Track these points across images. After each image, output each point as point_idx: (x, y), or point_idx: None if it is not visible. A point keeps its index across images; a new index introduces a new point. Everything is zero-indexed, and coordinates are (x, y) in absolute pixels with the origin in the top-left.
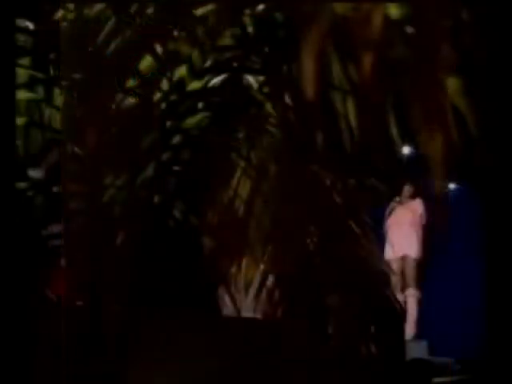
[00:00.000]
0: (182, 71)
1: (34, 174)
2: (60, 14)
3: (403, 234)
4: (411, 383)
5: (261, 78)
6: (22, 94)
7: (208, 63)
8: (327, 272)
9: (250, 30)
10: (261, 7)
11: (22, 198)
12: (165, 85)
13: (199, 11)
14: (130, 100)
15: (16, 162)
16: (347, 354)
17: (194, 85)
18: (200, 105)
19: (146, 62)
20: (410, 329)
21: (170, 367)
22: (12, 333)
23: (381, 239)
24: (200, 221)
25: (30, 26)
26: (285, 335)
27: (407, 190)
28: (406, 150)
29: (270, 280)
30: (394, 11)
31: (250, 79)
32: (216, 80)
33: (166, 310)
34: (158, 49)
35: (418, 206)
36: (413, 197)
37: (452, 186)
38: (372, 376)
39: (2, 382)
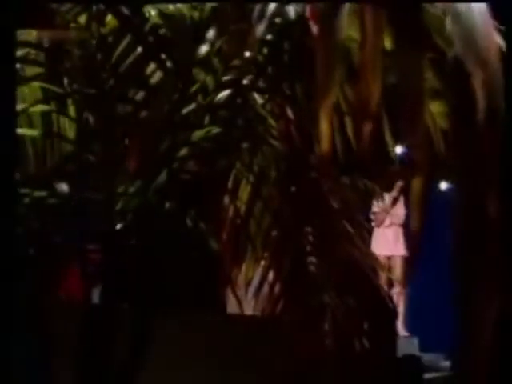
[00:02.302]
0: (193, 88)
1: (56, 184)
2: (72, 27)
3: (390, 234)
4: (402, 379)
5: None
6: (37, 107)
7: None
8: (323, 271)
9: (257, 53)
10: (269, 36)
11: (41, 206)
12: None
13: (210, 34)
14: (142, 112)
15: (15, 168)
16: (341, 351)
17: (204, 101)
18: (207, 119)
19: (158, 77)
20: (398, 326)
21: (172, 367)
22: (25, 333)
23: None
24: (205, 224)
25: (41, 39)
26: (282, 332)
27: (399, 186)
28: (398, 149)
29: (269, 279)
30: (387, 43)
31: (256, 96)
32: (223, 95)
33: (169, 308)
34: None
35: (402, 204)
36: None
37: (446, 186)
38: (364, 372)
39: (17, 381)
